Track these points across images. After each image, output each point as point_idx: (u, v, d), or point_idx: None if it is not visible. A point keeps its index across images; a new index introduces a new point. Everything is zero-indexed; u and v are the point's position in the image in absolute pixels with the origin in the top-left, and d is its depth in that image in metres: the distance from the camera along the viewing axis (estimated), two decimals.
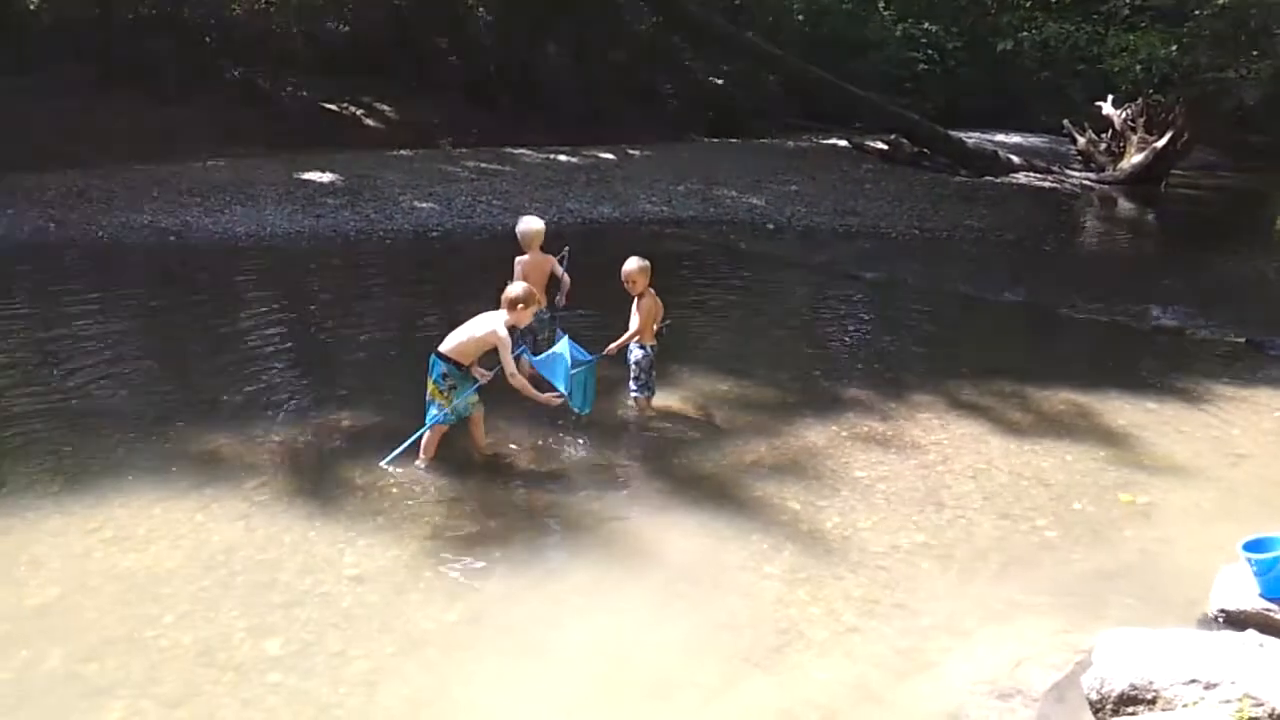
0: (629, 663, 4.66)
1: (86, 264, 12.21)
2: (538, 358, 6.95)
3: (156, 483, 6.13)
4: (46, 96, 17.26)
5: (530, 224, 7.92)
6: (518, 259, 7.77)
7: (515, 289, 6.58)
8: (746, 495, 6.32)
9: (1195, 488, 6.62)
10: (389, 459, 6.44)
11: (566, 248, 8.05)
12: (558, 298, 7.80)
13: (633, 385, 7.48)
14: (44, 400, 7.54)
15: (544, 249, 7.88)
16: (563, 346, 6.76)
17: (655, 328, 7.44)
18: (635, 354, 7.41)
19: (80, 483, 6.11)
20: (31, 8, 19.41)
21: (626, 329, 7.36)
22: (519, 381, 6.43)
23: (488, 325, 6.44)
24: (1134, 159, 22.41)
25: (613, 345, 7.38)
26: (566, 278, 7.81)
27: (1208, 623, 4.86)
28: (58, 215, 13.72)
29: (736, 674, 4.57)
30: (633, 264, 7.29)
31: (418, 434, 6.47)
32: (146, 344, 9.10)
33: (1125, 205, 21.00)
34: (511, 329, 6.53)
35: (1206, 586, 5.02)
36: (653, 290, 7.37)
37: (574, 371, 6.71)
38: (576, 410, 6.93)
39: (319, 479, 6.31)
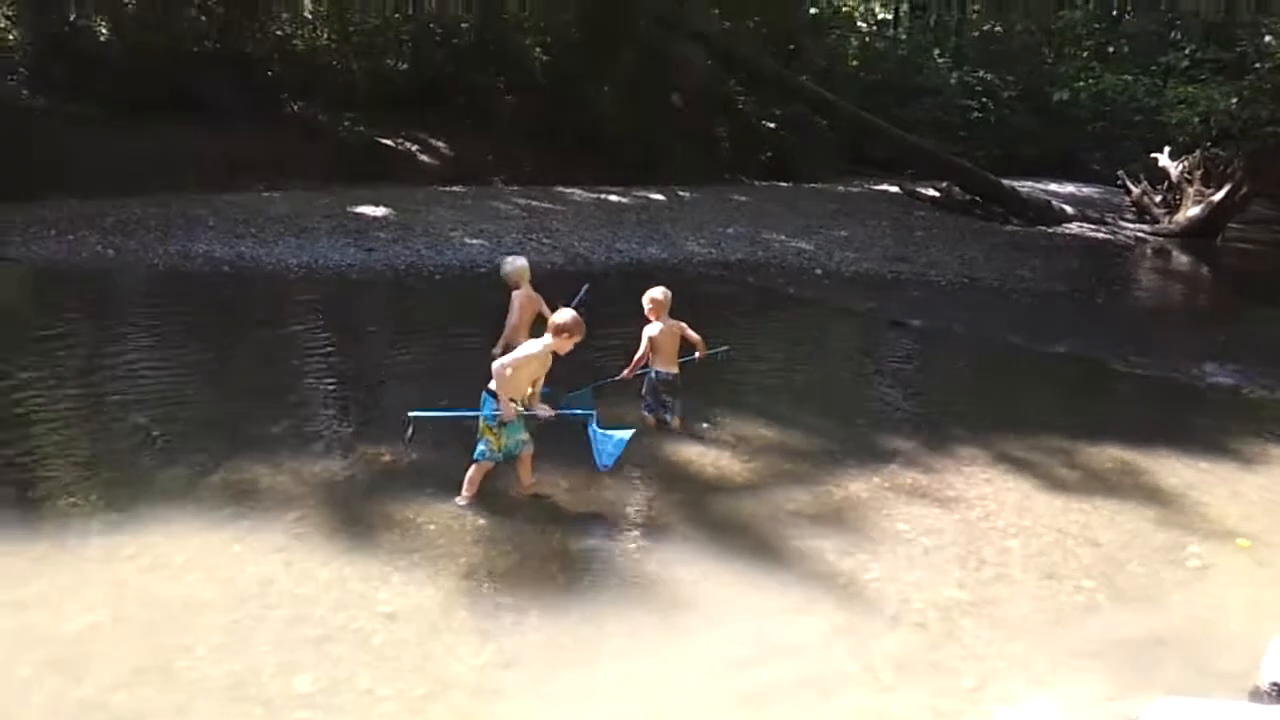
0: (662, 714, 4.58)
1: (142, 291, 12.44)
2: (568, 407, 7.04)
3: (196, 512, 6.16)
4: (110, 125, 17.65)
5: (516, 262, 8.17)
6: (514, 293, 8.01)
7: (563, 315, 6.47)
8: (786, 545, 6.23)
9: (1249, 552, 6.43)
10: (412, 417, 6.45)
11: (586, 285, 8.41)
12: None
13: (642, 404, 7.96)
14: (87, 425, 7.66)
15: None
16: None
17: (687, 357, 7.80)
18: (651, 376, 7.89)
19: (120, 509, 6.15)
20: (102, 39, 19.92)
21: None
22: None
23: (527, 350, 6.47)
24: (1190, 212, 22.16)
25: (625, 371, 7.87)
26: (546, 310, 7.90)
27: (1259, 695, 4.70)
28: (117, 242, 14.00)
29: None
30: (651, 291, 7.74)
31: (447, 414, 6.67)
32: (193, 373, 9.19)
33: (1180, 258, 20.72)
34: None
35: (1258, 656, 4.87)
36: (682, 323, 7.72)
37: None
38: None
39: (358, 513, 6.31)
